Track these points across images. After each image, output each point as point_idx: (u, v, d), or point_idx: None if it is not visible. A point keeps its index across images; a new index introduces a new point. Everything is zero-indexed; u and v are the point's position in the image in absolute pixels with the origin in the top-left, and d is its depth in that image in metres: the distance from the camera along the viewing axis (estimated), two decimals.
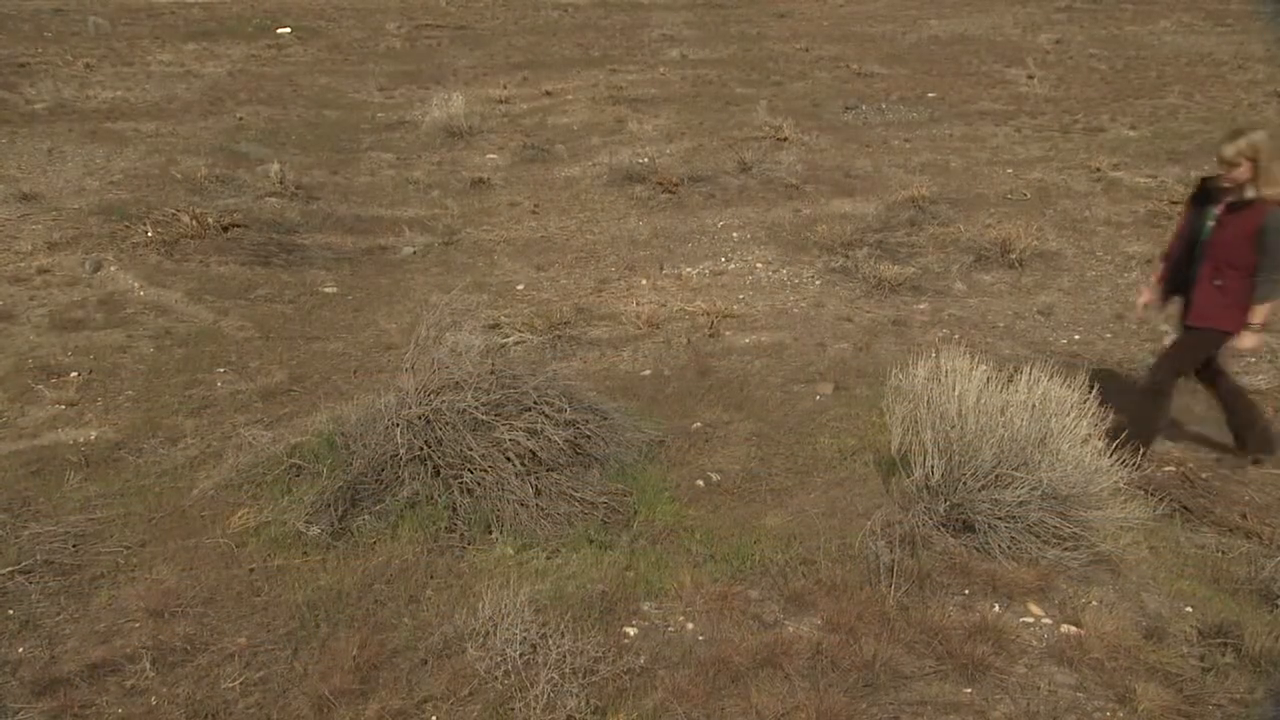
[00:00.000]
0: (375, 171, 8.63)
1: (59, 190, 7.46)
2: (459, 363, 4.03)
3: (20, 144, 8.65)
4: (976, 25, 15.20)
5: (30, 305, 5.60)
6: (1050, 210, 7.49)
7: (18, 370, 4.88)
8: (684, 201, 7.79)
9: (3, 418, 4.45)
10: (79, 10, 16.06)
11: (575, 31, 15.40)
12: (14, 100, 10.20)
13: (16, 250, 6.29)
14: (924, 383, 3.83)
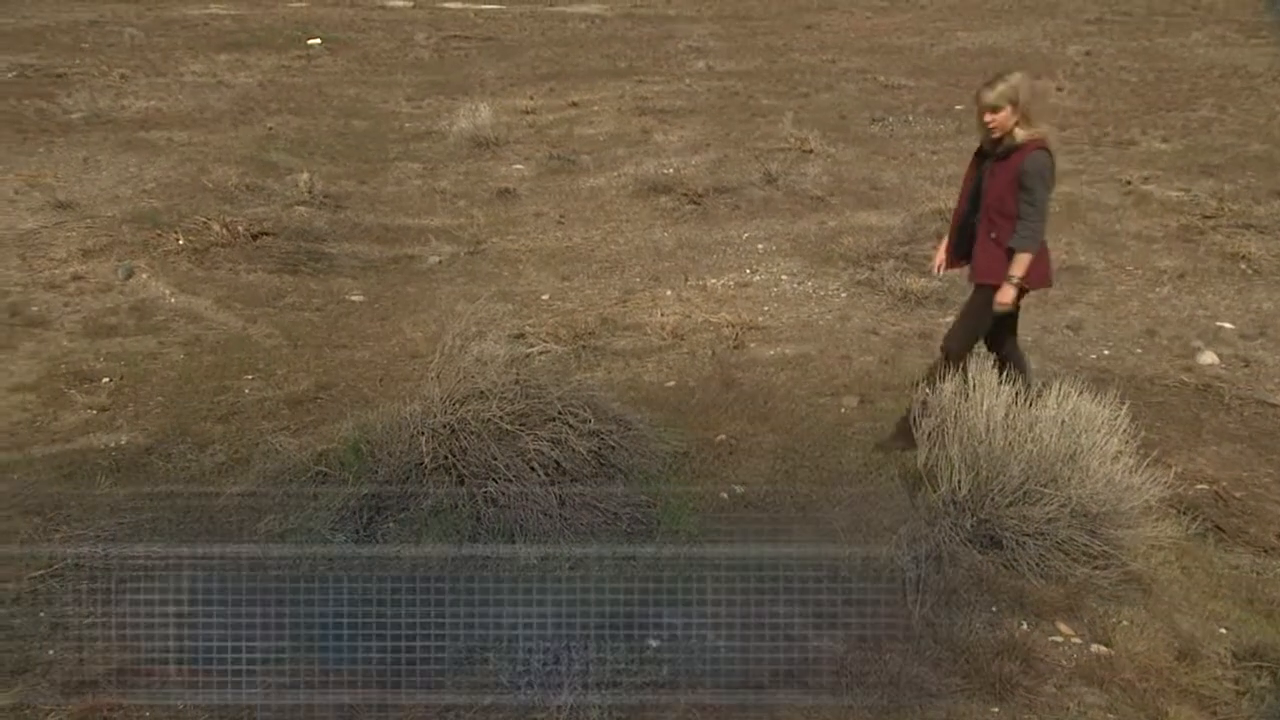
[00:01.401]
0: (402, 181, 8.70)
1: (93, 198, 7.58)
2: (484, 372, 4.04)
3: (57, 153, 8.80)
4: (1005, 37, 15.12)
5: (64, 311, 5.69)
6: (1079, 224, 7.42)
7: (51, 375, 4.96)
8: (709, 213, 7.79)
9: (36, 422, 4.52)
10: (115, 22, 16.36)
11: (602, 43, 15.47)
12: (52, 110, 10.39)
13: (51, 257, 6.39)
14: (951, 397, 3.80)
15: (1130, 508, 3.43)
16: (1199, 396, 4.97)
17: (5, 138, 9.26)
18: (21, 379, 4.90)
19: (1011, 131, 3.82)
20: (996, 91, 3.77)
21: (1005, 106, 3.78)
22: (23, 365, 5.05)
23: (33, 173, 8.17)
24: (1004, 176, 3.86)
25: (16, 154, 8.72)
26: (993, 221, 3.93)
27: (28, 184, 7.85)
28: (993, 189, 3.90)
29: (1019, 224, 3.86)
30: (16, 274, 6.12)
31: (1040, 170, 3.80)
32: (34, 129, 9.64)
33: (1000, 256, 3.93)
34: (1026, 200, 3.82)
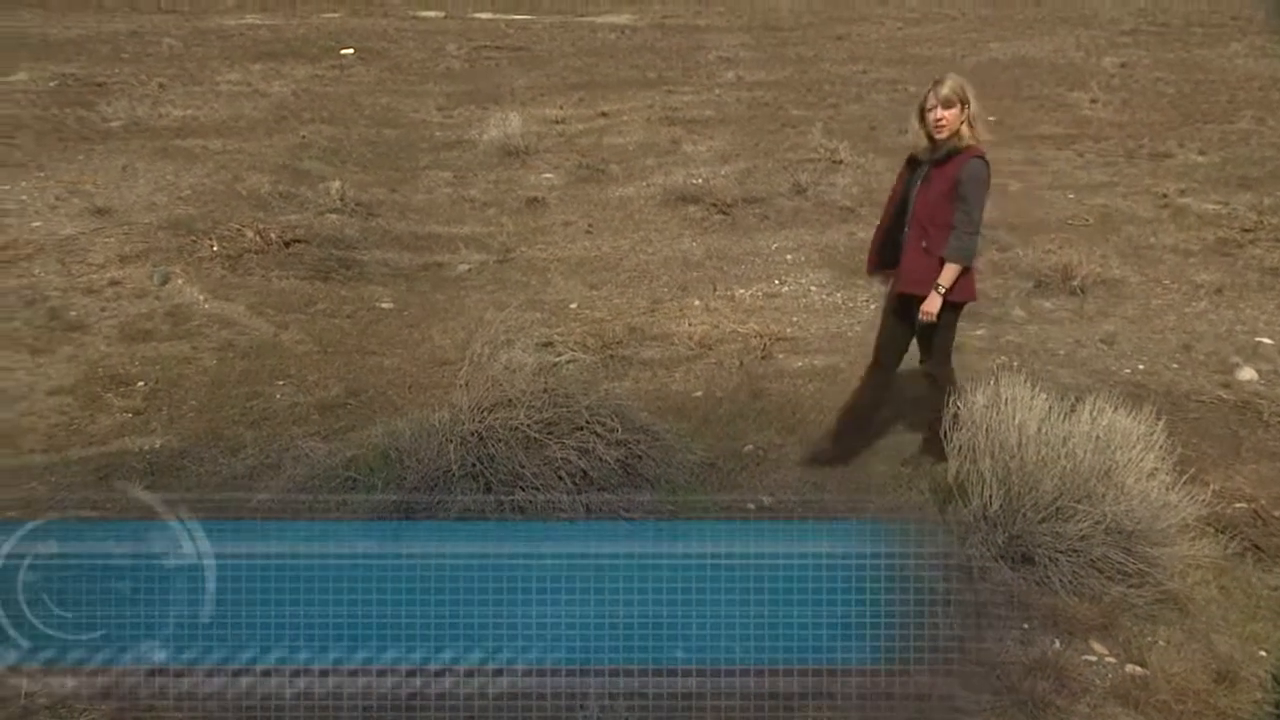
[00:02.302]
0: (433, 189, 8.77)
1: (131, 205, 7.71)
2: (512, 380, 4.06)
3: (96, 160, 8.97)
4: (1038, 48, 14.99)
5: (101, 316, 5.78)
6: (1114, 236, 7.33)
7: (89, 379, 5.04)
8: (738, 223, 7.78)
9: (74, 424, 4.59)
10: (154, 32, 16.67)
11: (632, 53, 15.53)
12: (91, 118, 10.59)
13: (90, 263, 6.51)
14: (982, 410, 3.76)
15: (1166, 526, 3.36)
16: (1237, 413, 4.88)
17: (47, 145, 9.45)
18: (60, 382, 4.99)
19: (958, 133, 3.66)
20: (949, 86, 3.63)
21: (956, 104, 3.63)
22: (61, 368, 5.14)
23: (73, 180, 8.32)
24: (940, 184, 3.70)
25: (58, 161, 8.89)
26: (924, 230, 3.75)
27: (68, 191, 8.00)
28: (927, 196, 3.73)
29: (953, 234, 3.69)
30: (56, 279, 6.24)
31: (977, 179, 3.66)
32: (74, 137, 9.83)
33: (932, 266, 3.75)
34: (962, 210, 3.66)
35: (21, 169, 8.64)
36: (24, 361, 5.20)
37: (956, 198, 3.66)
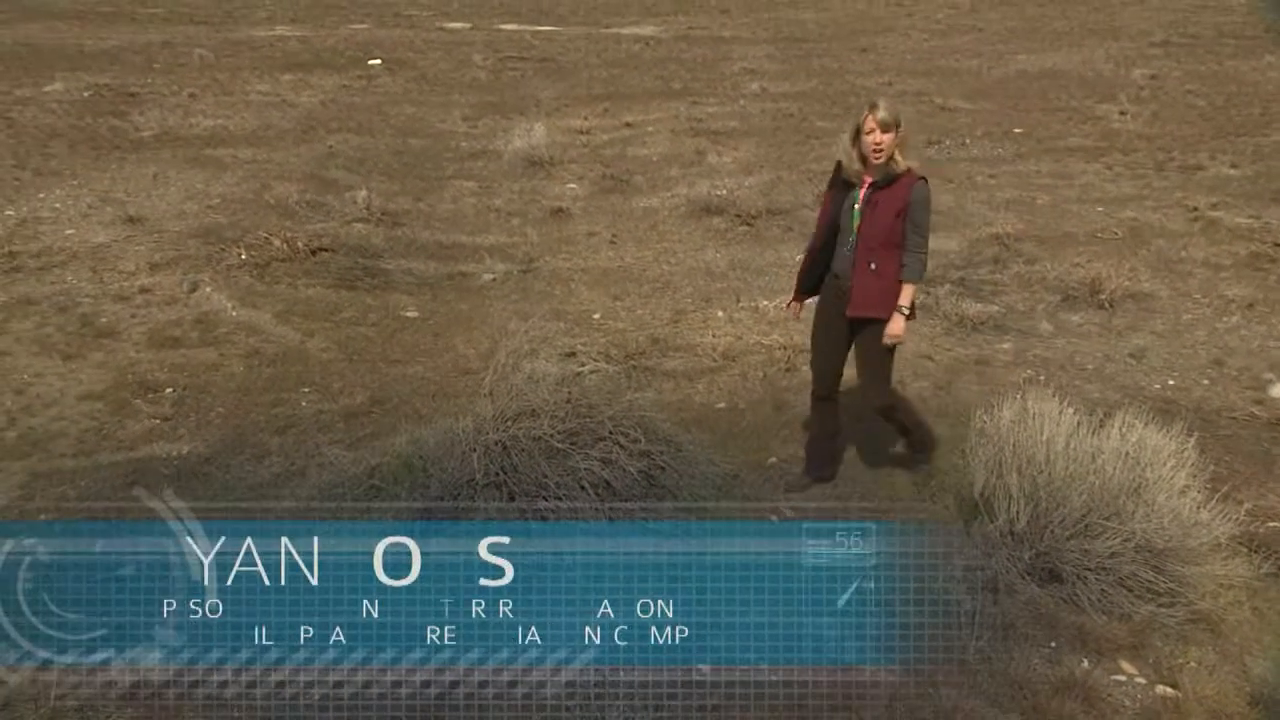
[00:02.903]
0: (458, 199, 8.82)
1: (161, 213, 7.81)
2: (536, 390, 4.06)
3: (128, 169, 9.10)
4: (1067, 60, 14.88)
5: (131, 323, 5.85)
6: (1143, 250, 7.25)
7: (118, 385, 5.10)
8: (762, 234, 7.76)
9: (104, 430, 4.65)
10: (186, 43, 16.91)
11: (656, 64, 15.57)
12: (124, 128, 10.75)
13: (121, 270, 6.59)
14: (1009, 425, 3.72)
15: (1198, 544, 3.31)
16: (1270, 430, 4.80)
17: (81, 154, 9.61)
18: (90, 387, 5.06)
19: (893, 157, 3.70)
20: (886, 110, 3.64)
21: (893, 128, 3.65)
22: (92, 374, 5.21)
23: (105, 188, 8.45)
24: (888, 206, 3.73)
25: (91, 169, 9.04)
26: (873, 251, 3.77)
27: (100, 199, 8.12)
28: (874, 219, 3.75)
29: (910, 255, 3.76)
30: (88, 285, 6.33)
31: (927, 201, 3.77)
32: (107, 145, 9.99)
33: (883, 288, 3.79)
34: (915, 231, 3.75)
35: (56, 177, 8.79)
36: (56, 367, 5.28)
37: (908, 220, 3.73)
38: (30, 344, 5.53)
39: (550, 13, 21.78)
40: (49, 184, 8.57)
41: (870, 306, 3.83)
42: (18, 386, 5.05)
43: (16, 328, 5.72)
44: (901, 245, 3.76)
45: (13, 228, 7.35)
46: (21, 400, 4.91)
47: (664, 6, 22.48)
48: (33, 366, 5.28)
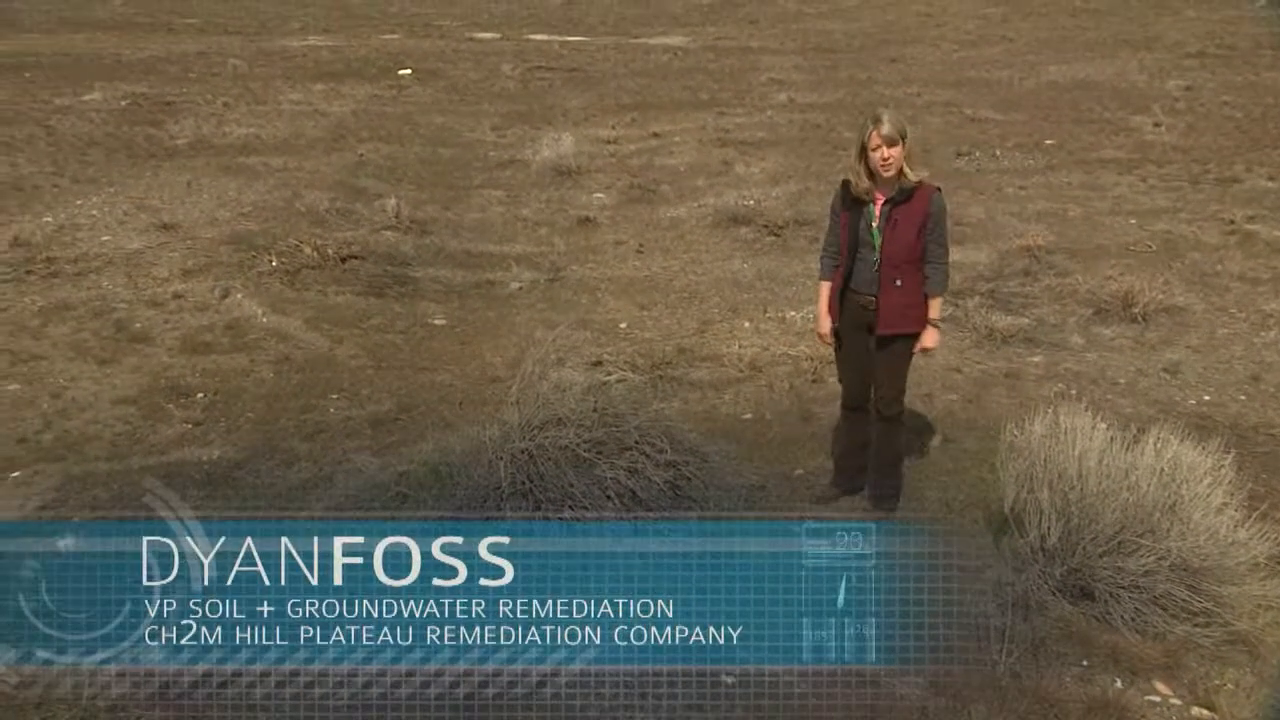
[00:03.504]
0: (486, 208, 8.88)
1: (195, 220, 7.92)
2: (562, 399, 4.07)
3: (163, 176, 9.25)
4: (1099, 71, 14.74)
5: (165, 328, 5.93)
6: (1178, 263, 7.15)
7: (151, 389, 5.17)
8: (789, 244, 7.74)
9: (136, 434, 4.71)
10: (220, 53, 17.17)
11: (684, 75, 15.60)
12: (160, 136, 10.93)
13: (154, 276, 6.69)
14: (1040, 439, 3.68)
15: (1236, 564, 3.25)
16: None
17: (118, 162, 9.78)
18: (124, 392, 5.13)
19: (903, 170, 3.63)
20: (892, 123, 3.56)
21: (899, 141, 3.58)
22: (126, 379, 5.28)
23: (141, 195, 8.59)
24: (909, 222, 3.67)
25: (127, 177, 9.19)
26: (898, 269, 3.72)
27: (136, 206, 8.26)
28: (896, 237, 3.69)
29: (934, 267, 3.73)
30: (123, 291, 6.42)
31: (945, 212, 3.75)
32: (143, 154, 10.15)
33: (910, 304, 3.76)
34: (937, 243, 3.72)
35: (93, 185, 8.95)
36: (91, 371, 5.36)
37: (929, 233, 3.70)
38: (67, 348, 5.62)
39: (579, 23, 21.91)
40: (86, 191, 8.73)
41: (899, 323, 3.81)
42: (54, 390, 5.13)
43: (54, 332, 5.82)
44: (918, 259, 3.73)
45: (51, 234, 7.49)
46: (58, 404, 4.99)
47: (692, 17, 22.55)
48: (69, 371, 5.36)
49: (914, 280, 3.75)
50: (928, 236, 3.70)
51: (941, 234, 3.74)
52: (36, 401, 5.01)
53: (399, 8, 24.39)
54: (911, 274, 3.74)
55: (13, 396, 5.06)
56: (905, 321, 3.79)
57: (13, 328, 5.85)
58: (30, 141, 10.48)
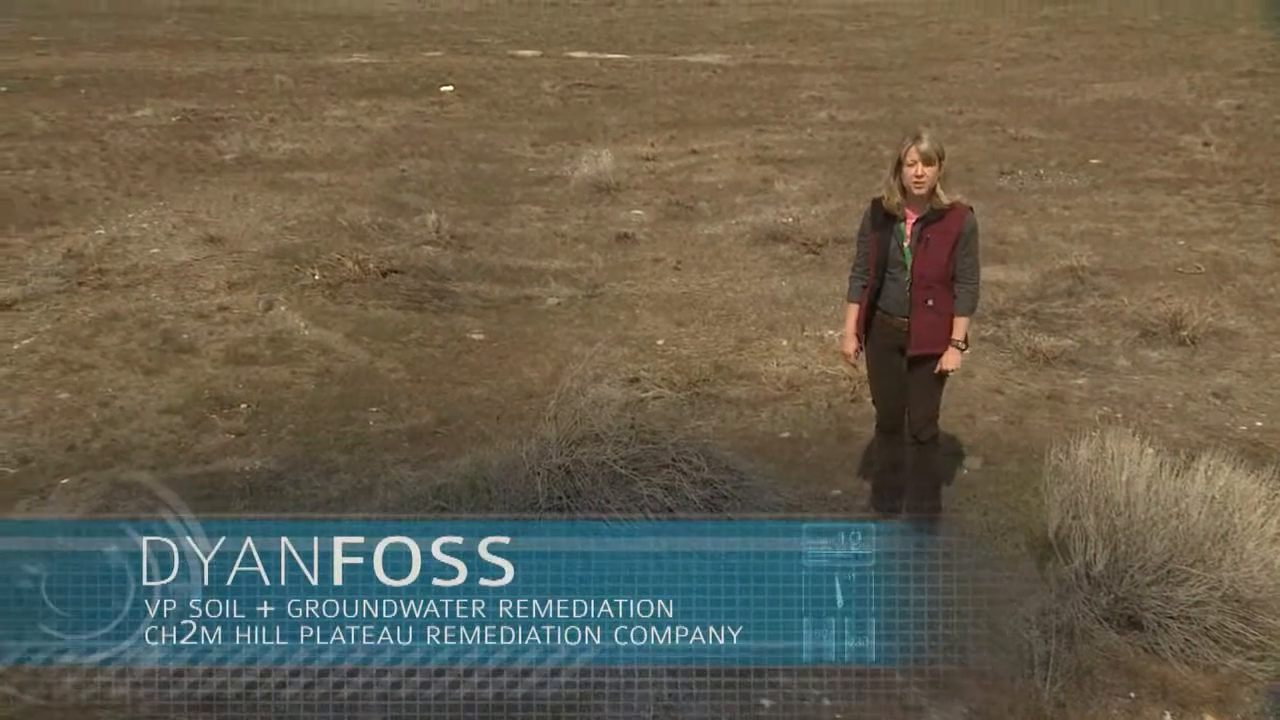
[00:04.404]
0: (525, 224, 8.94)
1: (240, 234, 8.07)
2: (599, 415, 4.07)
3: (210, 191, 9.44)
4: (1146, 90, 14.53)
5: (210, 340, 6.04)
6: (1228, 286, 6.99)
7: (196, 400, 5.26)
8: (828, 263, 7.69)
9: (181, 443, 4.79)
10: (267, 70, 17.53)
11: (723, 92, 15.63)
12: (208, 151, 11.17)
13: (201, 288, 6.82)
14: (1086, 464, 3.61)
15: None
16: None
17: (168, 176, 10.00)
18: (170, 402, 5.22)
19: (935, 190, 3.59)
20: (929, 142, 3.53)
21: (936, 161, 3.54)
22: (172, 389, 5.38)
23: (189, 209, 8.77)
24: (942, 241, 3.63)
25: (176, 191, 9.39)
26: (929, 288, 3.67)
27: (184, 219, 8.43)
28: (928, 256, 3.65)
29: (964, 287, 3.69)
30: (170, 303, 6.55)
31: (977, 232, 3.71)
32: (192, 168, 10.38)
33: (940, 323, 3.71)
34: (969, 263, 3.68)
35: (144, 198, 9.16)
36: (139, 381, 5.47)
37: (961, 252, 3.66)
38: (116, 358, 5.74)
39: (619, 40, 22.07)
40: (137, 204, 8.94)
41: (931, 343, 3.77)
42: (103, 399, 5.24)
43: (104, 342, 5.95)
44: (949, 279, 3.70)
45: (103, 246, 7.67)
46: (106, 413, 5.10)
47: (732, 35, 22.61)
48: (117, 380, 5.47)
49: (946, 300, 3.72)
50: (959, 256, 3.67)
51: (973, 254, 3.71)
52: (86, 410, 5.12)
53: (442, 25, 24.76)
54: (943, 294, 3.71)
55: (63, 405, 5.18)
56: (937, 342, 3.75)
57: (65, 338, 5.99)
58: (85, 156, 10.76)
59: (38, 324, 6.22)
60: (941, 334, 3.74)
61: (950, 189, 3.65)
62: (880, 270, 3.77)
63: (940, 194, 3.61)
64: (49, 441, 4.79)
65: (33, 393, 5.31)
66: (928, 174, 3.55)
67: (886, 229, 3.73)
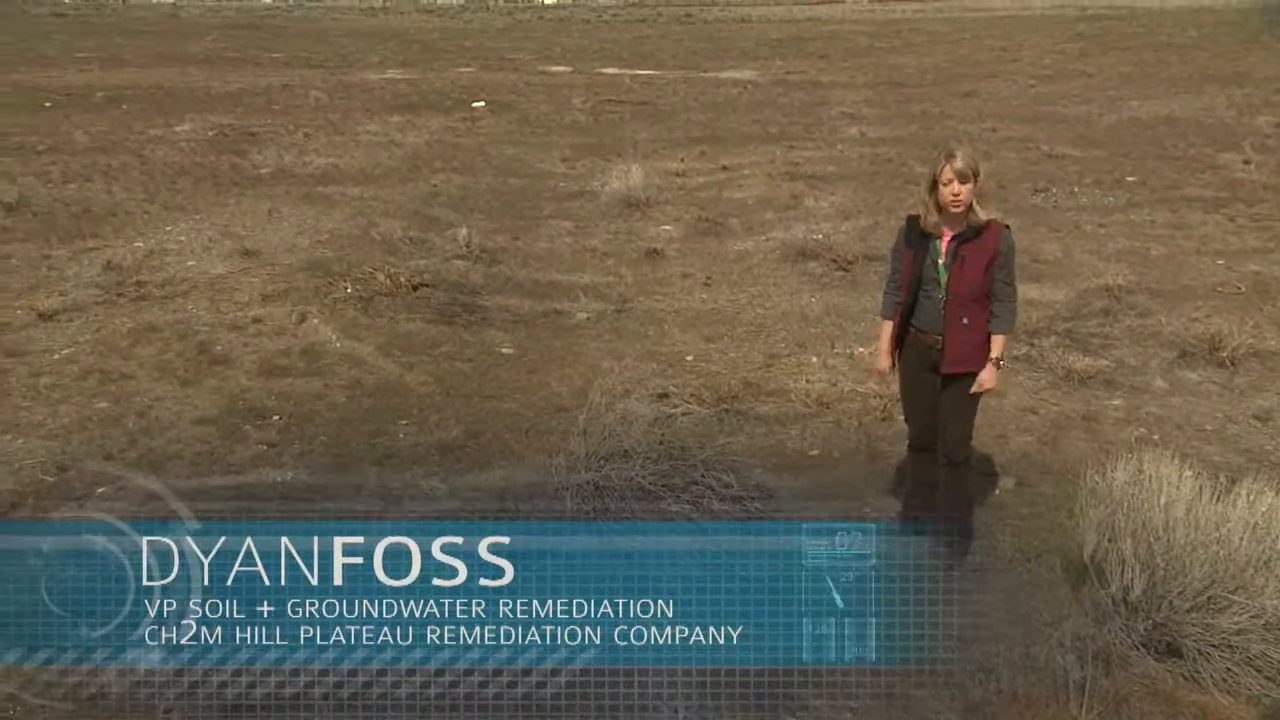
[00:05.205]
0: (554, 239, 8.98)
1: (275, 247, 8.18)
2: (628, 431, 4.07)
3: (246, 204, 9.59)
4: (1184, 107, 14.36)
5: (244, 352, 6.11)
6: (1269, 306, 6.86)
7: (230, 411, 5.32)
8: (858, 280, 7.65)
9: (215, 453, 4.84)
10: (303, 86, 17.82)
11: (754, 108, 15.66)
12: (244, 165, 11.36)
13: (236, 301, 6.91)
14: (1123, 486, 3.54)
15: None
16: None
17: (205, 190, 10.18)
18: (204, 413, 5.28)
19: (972, 208, 3.56)
20: (964, 159, 3.50)
21: (971, 178, 3.51)
22: (206, 400, 5.44)
23: (225, 222, 8.91)
24: (978, 258, 3.60)
25: (213, 205, 9.55)
26: (965, 306, 3.64)
27: (220, 232, 8.57)
28: (963, 274, 3.61)
29: (1001, 305, 3.65)
30: (206, 315, 6.65)
31: (1014, 249, 3.68)
32: (228, 182, 10.56)
33: (975, 342, 3.67)
34: (1005, 280, 3.65)
35: (181, 212, 9.32)
36: (175, 391, 5.54)
37: (998, 270, 3.64)
38: (152, 369, 5.83)
39: (650, 57, 22.20)
40: (175, 217, 9.10)
41: (966, 362, 3.73)
42: (140, 409, 5.31)
43: (141, 353, 6.04)
44: (985, 297, 3.67)
45: (141, 258, 7.80)
46: (142, 422, 5.17)
47: (762, 51, 22.67)
48: (154, 390, 5.55)
49: (981, 318, 3.69)
50: (996, 274, 3.65)
51: (1010, 272, 3.68)
52: (123, 420, 5.20)
53: (474, 42, 25.04)
54: (979, 312, 3.68)
55: (101, 414, 5.26)
56: (972, 360, 3.72)
57: (104, 348, 6.09)
58: (125, 170, 10.99)
59: (78, 334, 6.34)
60: (976, 352, 3.71)
61: (986, 205, 3.63)
62: (914, 287, 3.74)
63: (977, 211, 3.59)
64: (87, 450, 4.86)
65: (72, 402, 5.40)
66: (964, 192, 3.53)
67: (922, 246, 3.71)
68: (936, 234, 3.67)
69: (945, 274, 3.66)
